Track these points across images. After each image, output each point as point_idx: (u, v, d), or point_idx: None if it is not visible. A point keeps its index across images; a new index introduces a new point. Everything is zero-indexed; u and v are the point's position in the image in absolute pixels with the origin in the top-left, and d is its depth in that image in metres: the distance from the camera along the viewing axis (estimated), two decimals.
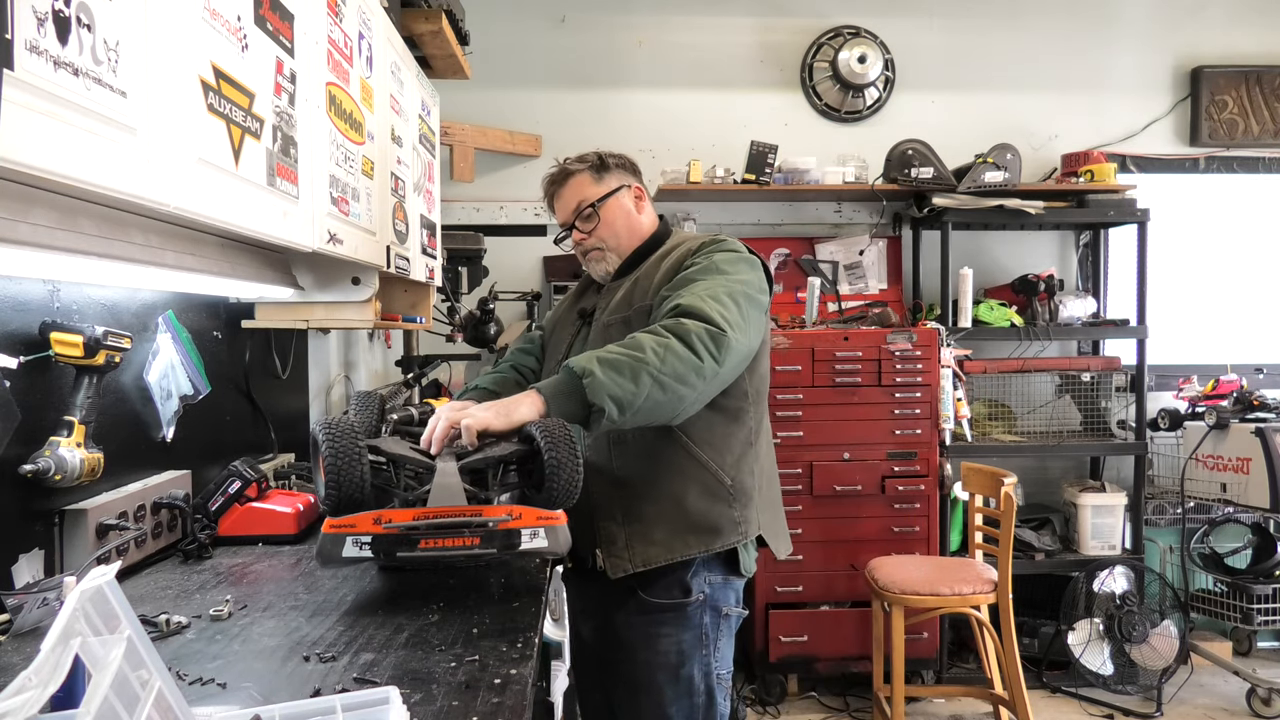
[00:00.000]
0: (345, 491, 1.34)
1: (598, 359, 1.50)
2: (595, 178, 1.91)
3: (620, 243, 1.91)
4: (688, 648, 1.74)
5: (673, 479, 1.71)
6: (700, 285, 1.65)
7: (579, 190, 1.91)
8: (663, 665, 1.74)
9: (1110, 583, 3.68)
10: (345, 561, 1.29)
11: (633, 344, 1.53)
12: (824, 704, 3.61)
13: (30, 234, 0.94)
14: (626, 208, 1.92)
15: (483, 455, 1.49)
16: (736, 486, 1.74)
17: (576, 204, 1.91)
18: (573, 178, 1.92)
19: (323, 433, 1.36)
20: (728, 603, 1.80)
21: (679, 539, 1.70)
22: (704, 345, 1.53)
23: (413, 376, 3.22)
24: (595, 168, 1.92)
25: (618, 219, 1.90)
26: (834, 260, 4.10)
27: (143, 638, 0.71)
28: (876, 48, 4.08)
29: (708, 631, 1.76)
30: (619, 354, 1.50)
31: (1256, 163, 4.27)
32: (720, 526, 1.72)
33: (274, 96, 1.38)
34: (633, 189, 1.94)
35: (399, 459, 1.48)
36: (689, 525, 1.71)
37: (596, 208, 1.89)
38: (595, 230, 1.89)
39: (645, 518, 1.71)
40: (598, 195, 1.89)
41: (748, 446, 1.78)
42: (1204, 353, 4.25)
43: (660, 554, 1.70)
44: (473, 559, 1.33)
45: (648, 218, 1.95)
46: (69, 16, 0.86)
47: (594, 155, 1.95)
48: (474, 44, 3.12)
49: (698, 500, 1.71)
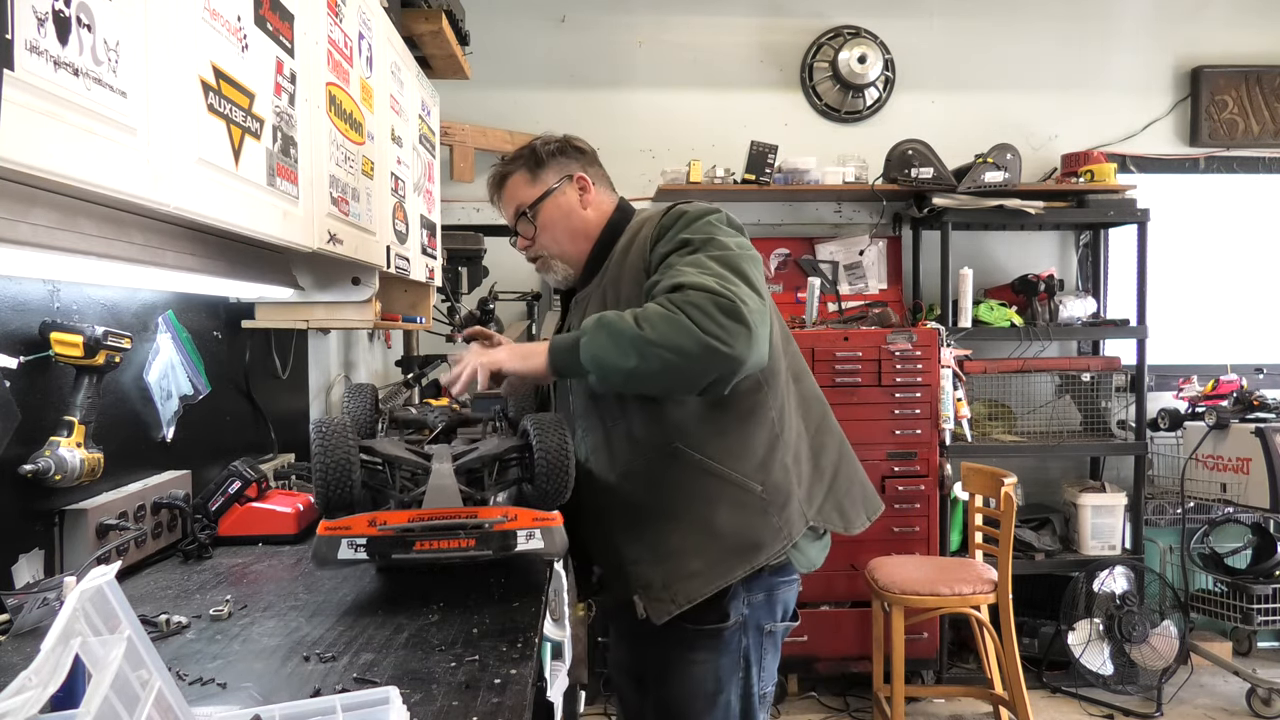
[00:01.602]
0: (335, 491, 1.35)
1: (600, 320, 1.43)
2: (529, 177, 1.73)
3: (564, 248, 1.73)
4: (725, 674, 1.61)
5: (695, 502, 1.56)
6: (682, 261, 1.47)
7: (515, 193, 1.74)
8: (698, 693, 1.61)
9: (1110, 583, 3.68)
10: (341, 564, 1.30)
11: (639, 313, 1.41)
12: (824, 704, 3.61)
13: (30, 234, 0.94)
14: (566, 207, 1.71)
15: (478, 454, 1.50)
16: (769, 489, 1.57)
17: (515, 208, 1.74)
18: (509, 180, 1.75)
19: (314, 432, 1.37)
20: (772, 619, 1.65)
21: (720, 564, 1.55)
22: (713, 318, 1.37)
23: (413, 376, 3.22)
24: (529, 164, 1.73)
25: (556, 223, 1.72)
26: (834, 260, 4.10)
27: (143, 638, 0.71)
28: (876, 48, 4.08)
29: (748, 654, 1.62)
30: (618, 320, 1.41)
31: (1256, 163, 4.26)
32: (761, 540, 1.56)
33: (274, 96, 1.38)
34: (575, 180, 1.73)
35: (394, 459, 1.49)
36: (726, 547, 1.55)
37: (531, 214, 1.71)
38: (535, 238, 1.73)
39: (677, 551, 1.56)
40: (532, 199, 1.72)
41: (774, 439, 1.59)
42: (1204, 353, 4.25)
43: (702, 585, 1.54)
44: (469, 560, 1.33)
45: (596, 210, 1.73)
46: (69, 17, 0.86)
47: (529, 149, 1.75)
48: (474, 44, 3.12)
49: (729, 518, 1.55)
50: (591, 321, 1.44)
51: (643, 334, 1.38)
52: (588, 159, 1.79)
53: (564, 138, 1.80)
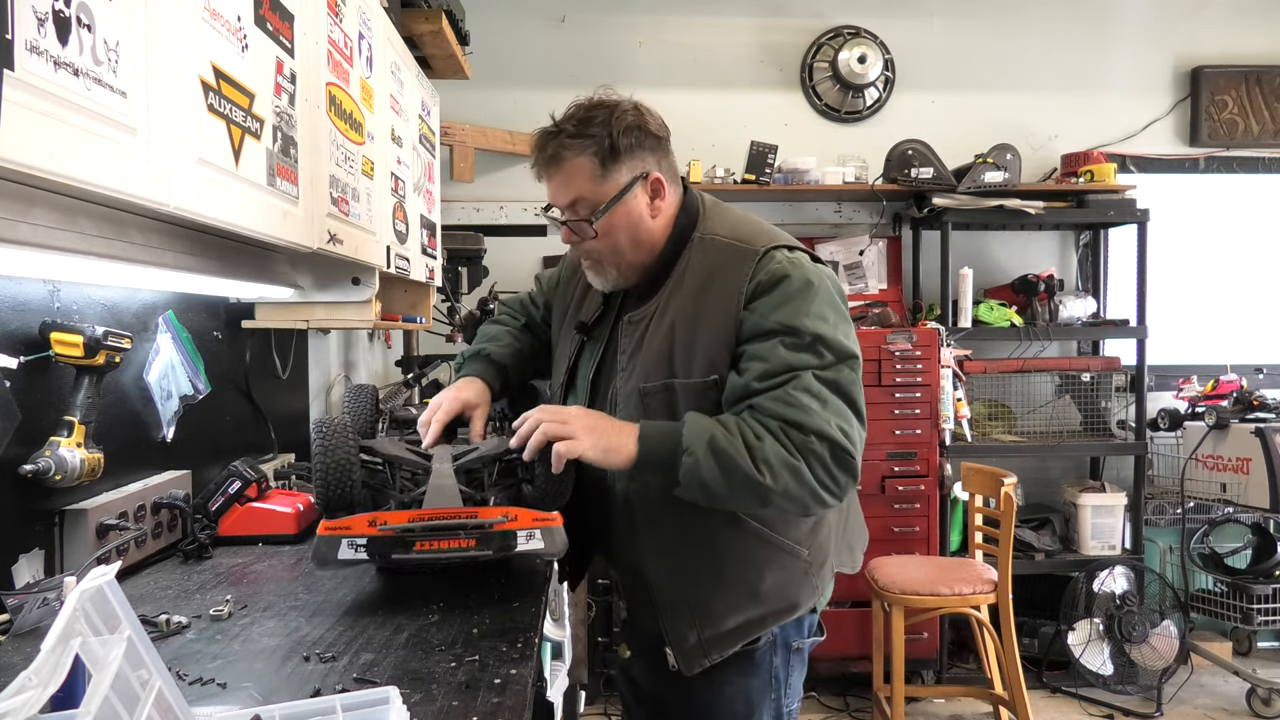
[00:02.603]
0: (335, 491, 1.35)
1: (711, 441, 1.33)
2: (599, 169, 1.44)
3: (622, 259, 1.50)
4: (756, 695, 1.53)
5: (745, 568, 1.48)
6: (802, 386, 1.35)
7: (576, 182, 1.45)
8: (728, 715, 1.53)
9: (1110, 583, 3.68)
10: (341, 564, 1.30)
11: (751, 443, 1.33)
12: (824, 704, 3.61)
13: (30, 234, 0.94)
14: (636, 214, 1.46)
15: (478, 454, 1.50)
16: (814, 552, 1.52)
17: (571, 199, 1.47)
18: (570, 161, 1.45)
19: (314, 432, 1.37)
20: (800, 636, 1.59)
21: (755, 624, 1.50)
22: (830, 475, 1.34)
23: (413, 376, 3.22)
24: (602, 152, 1.44)
25: (620, 230, 1.46)
26: (834, 260, 4.09)
27: (143, 638, 0.71)
28: (876, 48, 4.08)
29: (778, 674, 1.56)
30: (731, 447, 1.32)
31: (1256, 163, 4.26)
32: (799, 600, 1.52)
33: (274, 97, 1.39)
34: (649, 180, 1.47)
35: (394, 459, 1.49)
36: (766, 609, 1.50)
37: (594, 219, 1.45)
38: (593, 241, 1.48)
39: (717, 613, 1.49)
40: (602, 198, 1.44)
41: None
42: (1204, 353, 4.25)
43: (735, 641, 1.50)
44: (469, 561, 1.33)
45: (663, 217, 1.50)
46: (69, 17, 0.86)
47: (603, 128, 1.45)
48: (474, 44, 3.12)
49: (774, 582, 1.50)
50: (700, 440, 1.33)
51: (761, 480, 1.32)
52: (663, 148, 1.53)
53: (639, 115, 1.50)
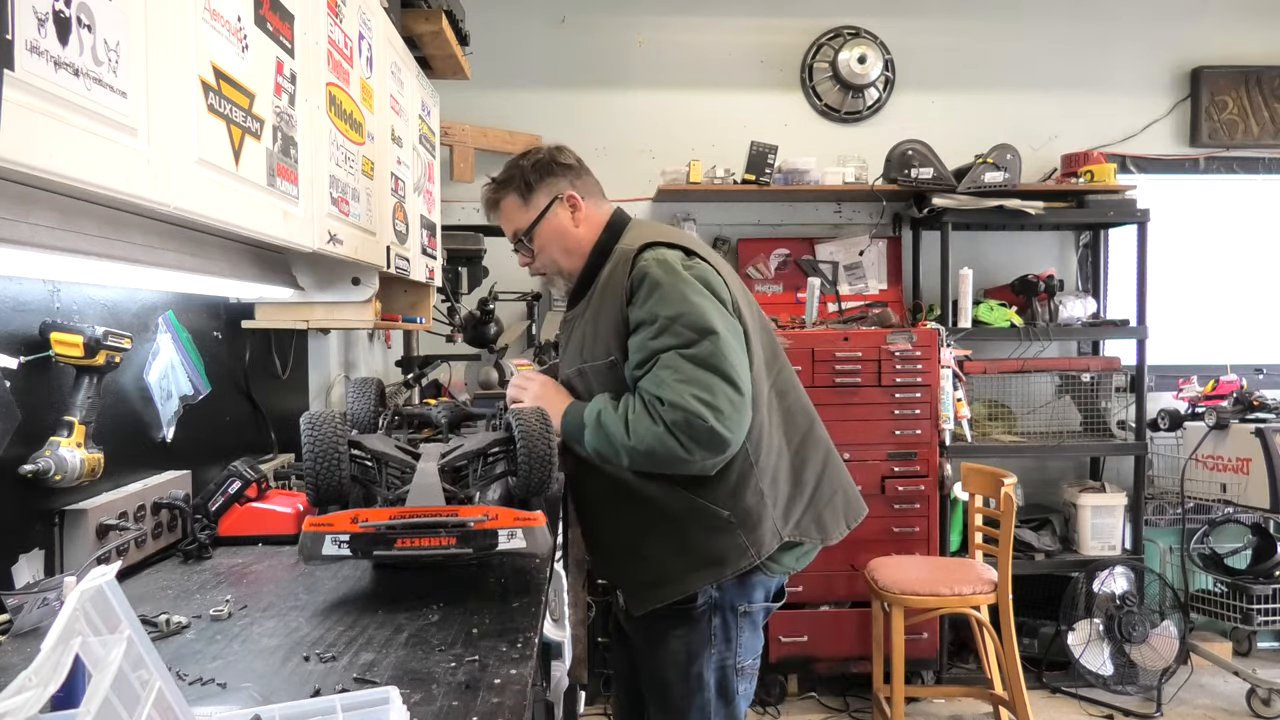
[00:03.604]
0: (324, 481, 1.38)
1: (600, 416, 1.64)
2: (521, 201, 1.79)
3: (561, 266, 1.83)
4: (695, 647, 1.76)
5: (668, 523, 1.72)
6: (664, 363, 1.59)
7: (510, 217, 1.82)
8: (673, 664, 1.78)
9: (1110, 583, 3.68)
10: (326, 559, 1.31)
11: (629, 417, 1.61)
12: (824, 704, 3.61)
13: (31, 234, 0.94)
14: (560, 227, 1.79)
15: (463, 450, 1.52)
16: (739, 514, 1.70)
17: (512, 231, 1.83)
18: (502, 203, 1.82)
19: (303, 424, 1.39)
20: (747, 600, 1.77)
21: (690, 575, 1.72)
22: (685, 441, 1.56)
23: (413, 377, 3.22)
24: (520, 188, 1.79)
25: (552, 243, 1.80)
26: (834, 260, 4.09)
27: (143, 638, 0.71)
28: (876, 48, 4.08)
29: (716, 632, 1.76)
30: (613, 422, 1.62)
31: (1256, 163, 4.26)
32: (725, 557, 1.70)
33: (274, 97, 1.39)
34: (565, 199, 1.79)
35: (382, 456, 1.50)
36: (695, 562, 1.71)
37: (527, 239, 1.80)
38: (537, 257, 1.83)
39: (655, 563, 1.74)
40: (527, 223, 1.79)
41: (747, 469, 1.69)
42: (1204, 353, 4.25)
43: (674, 591, 1.73)
44: (451, 559, 1.34)
45: (588, 227, 1.81)
46: (69, 17, 0.86)
47: (517, 171, 1.80)
48: (474, 44, 3.12)
49: (700, 538, 1.71)
50: (593, 417, 1.65)
51: (631, 445, 1.60)
52: (575, 172, 1.83)
53: (549, 153, 1.83)
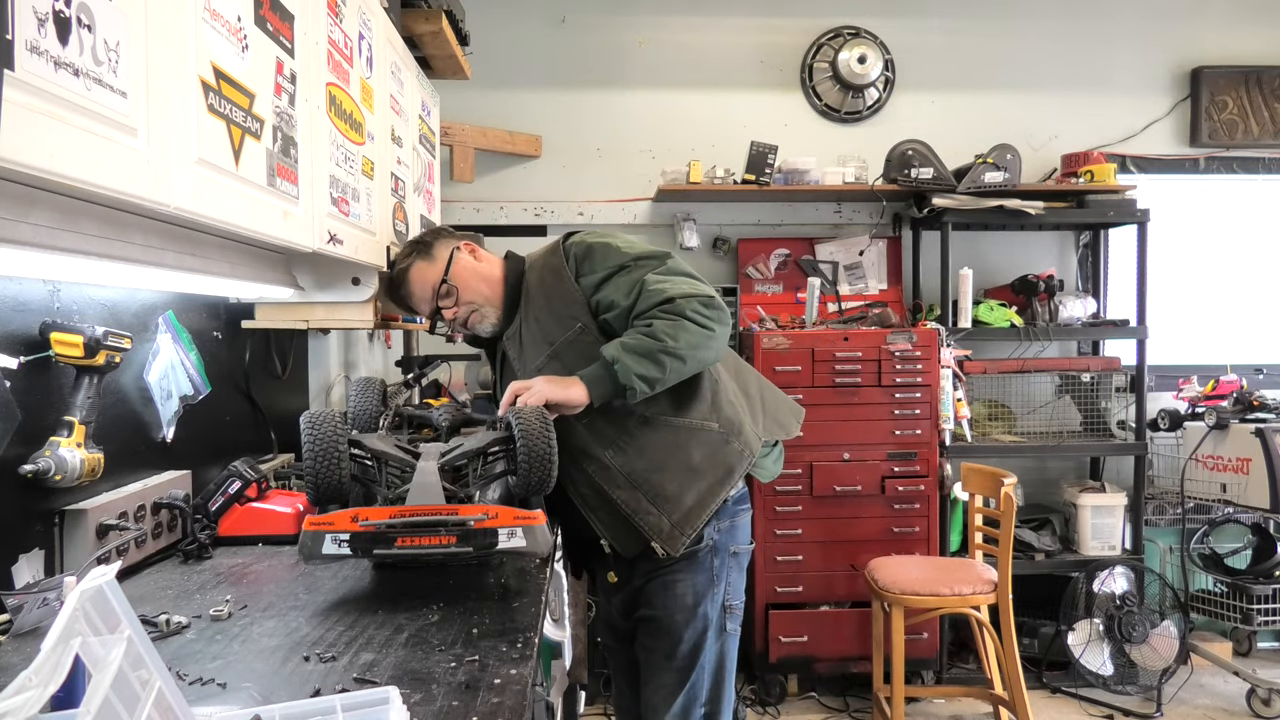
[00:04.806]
0: (324, 479, 1.38)
1: (622, 346, 1.75)
2: (427, 261, 1.94)
3: (487, 293, 1.96)
4: (700, 588, 1.93)
5: (675, 452, 1.87)
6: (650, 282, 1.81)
7: (423, 278, 1.94)
8: (680, 606, 1.93)
9: (1110, 583, 3.68)
10: (326, 558, 1.31)
11: (648, 330, 1.76)
12: (824, 704, 3.61)
13: (31, 234, 0.94)
14: (470, 265, 1.96)
15: (463, 450, 1.52)
16: (724, 423, 1.91)
17: (430, 289, 1.94)
18: (410, 271, 1.94)
19: (303, 423, 1.39)
20: (736, 541, 1.99)
21: (708, 494, 1.88)
22: (705, 315, 1.78)
23: (413, 377, 3.22)
24: (420, 252, 1.96)
25: (469, 278, 1.95)
26: (834, 260, 4.09)
27: (143, 638, 0.71)
28: (876, 48, 4.08)
29: (717, 572, 1.95)
30: (639, 340, 1.76)
31: (1256, 163, 4.26)
32: (731, 463, 1.90)
33: (274, 97, 1.39)
34: (464, 247, 1.99)
35: (382, 455, 1.50)
36: (709, 480, 1.88)
37: (445, 285, 1.92)
38: (460, 298, 1.94)
39: (674, 495, 1.87)
40: (438, 273, 1.92)
41: (714, 384, 1.94)
42: (1204, 353, 4.25)
43: (700, 513, 1.88)
44: (450, 558, 1.34)
45: (490, 263, 2.01)
46: (69, 17, 0.86)
47: (409, 244, 2.00)
48: (474, 44, 3.12)
49: (703, 455, 1.88)
50: (613, 351, 1.76)
51: (667, 344, 1.75)
52: (463, 237, 2.05)
53: (439, 228, 2.12)
